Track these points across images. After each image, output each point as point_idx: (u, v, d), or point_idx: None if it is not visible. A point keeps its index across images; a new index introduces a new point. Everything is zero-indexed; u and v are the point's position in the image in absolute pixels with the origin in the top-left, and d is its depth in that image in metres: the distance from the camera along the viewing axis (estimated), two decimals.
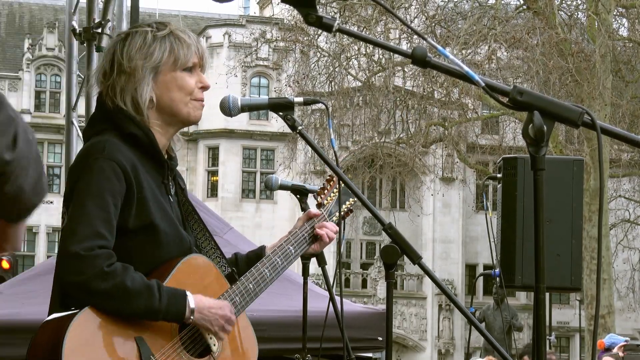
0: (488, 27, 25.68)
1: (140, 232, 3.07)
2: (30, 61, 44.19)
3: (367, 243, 45.57)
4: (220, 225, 8.24)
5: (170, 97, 3.18)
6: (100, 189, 2.99)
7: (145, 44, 3.17)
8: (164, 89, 3.17)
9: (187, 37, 3.21)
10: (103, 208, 2.98)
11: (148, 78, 3.15)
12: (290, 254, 3.40)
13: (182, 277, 3.10)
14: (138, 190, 3.05)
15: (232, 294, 3.22)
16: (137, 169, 3.05)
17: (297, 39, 28.33)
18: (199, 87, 3.22)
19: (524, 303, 41.57)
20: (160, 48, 3.17)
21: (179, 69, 3.18)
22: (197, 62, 3.21)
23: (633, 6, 26.32)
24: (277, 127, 41.36)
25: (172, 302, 3.00)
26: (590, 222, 23.51)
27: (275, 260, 3.35)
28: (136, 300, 2.94)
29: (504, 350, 2.77)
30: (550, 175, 5.40)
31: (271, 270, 3.33)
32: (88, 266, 2.91)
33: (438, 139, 30.45)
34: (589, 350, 24.93)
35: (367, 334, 7.93)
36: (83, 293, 2.93)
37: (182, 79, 3.19)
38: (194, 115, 3.22)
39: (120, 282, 2.93)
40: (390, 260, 3.20)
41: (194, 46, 3.21)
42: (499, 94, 2.43)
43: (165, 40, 3.18)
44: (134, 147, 3.11)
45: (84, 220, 2.96)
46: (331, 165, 3.26)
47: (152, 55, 3.16)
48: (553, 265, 5.54)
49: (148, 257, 3.08)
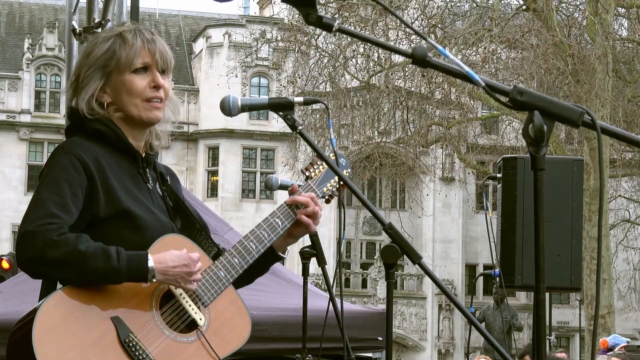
0: (486, 28, 25.68)
1: (113, 220, 3.08)
2: (30, 61, 44.18)
3: (367, 243, 45.57)
4: (220, 225, 8.24)
5: (121, 100, 3.20)
6: (55, 179, 3.04)
7: (93, 48, 3.21)
8: (115, 92, 3.21)
9: (132, 38, 3.20)
10: (57, 193, 3.01)
11: (94, 80, 3.19)
12: (277, 226, 3.33)
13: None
14: (102, 180, 3.08)
15: (216, 269, 3.18)
16: (99, 160, 3.09)
17: (296, 38, 28.33)
18: (151, 86, 3.21)
19: (524, 303, 41.57)
20: (99, 48, 3.20)
21: (128, 72, 3.19)
22: (149, 61, 3.20)
23: (632, 6, 26.33)
24: (277, 127, 41.35)
25: (133, 261, 2.97)
26: (590, 222, 23.51)
27: (261, 233, 3.29)
28: (92, 262, 2.92)
29: (504, 350, 2.77)
30: (550, 175, 5.40)
31: (257, 243, 3.27)
32: (38, 239, 2.92)
33: (438, 139, 30.45)
34: (589, 350, 24.92)
35: (367, 334, 7.94)
36: (39, 266, 2.94)
37: (130, 82, 3.19)
38: (146, 117, 3.21)
39: (73, 248, 2.92)
40: (391, 260, 3.20)
41: (140, 47, 3.19)
42: (499, 94, 2.43)
43: (108, 41, 3.21)
44: (102, 143, 3.15)
45: (37, 204, 3.00)
46: (331, 165, 3.26)
47: (93, 57, 3.20)
48: (553, 265, 5.54)
49: (127, 243, 3.06)
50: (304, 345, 6.00)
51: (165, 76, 3.24)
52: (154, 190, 3.27)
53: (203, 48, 45.29)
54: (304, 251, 5.35)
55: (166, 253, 3.03)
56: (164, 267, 3.00)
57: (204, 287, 3.14)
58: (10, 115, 43.67)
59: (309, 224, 3.37)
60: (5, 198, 42.89)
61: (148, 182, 3.24)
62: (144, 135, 3.26)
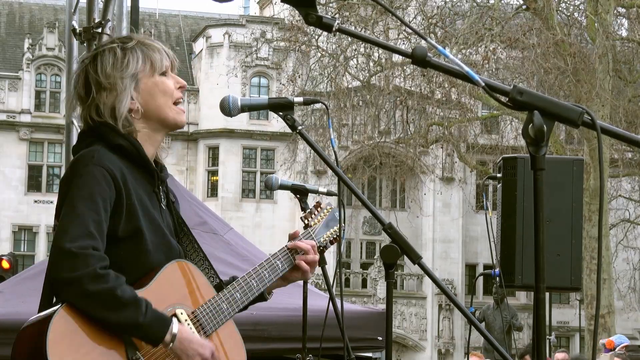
0: (487, 27, 25.69)
1: (127, 240, 3.08)
2: (30, 61, 44.17)
3: (367, 243, 45.57)
4: (220, 225, 8.24)
5: (156, 103, 3.21)
6: (91, 192, 3.00)
7: (117, 58, 3.19)
8: (147, 96, 3.20)
9: (155, 43, 3.26)
10: (94, 210, 2.98)
11: (129, 89, 3.18)
12: (278, 268, 3.37)
13: (164, 282, 3.09)
14: (127, 197, 3.07)
15: (219, 300, 3.21)
16: (125, 177, 3.07)
17: (296, 38, 28.33)
18: (177, 87, 3.26)
19: (524, 303, 41.56)
20: (134, 58, 3.20)
21: (157, 74, 3.22)
22: (169, 65, 3.25)
23: (632, 6, 26.32)
24: (277, 127, 41.34)
25: (155, 322, 2.97)
26: (590, 222, 23.51)
27: (263, 273, 3.33)
28: (122, 310, 2.93)
29: (504, 350, 2.77)
30: (550, 175, 5.40)
31: (258, 282, 3.31)
32: (81, 264, 2.90)
33: (438, 138, 30.45)
34: (589, 350, 24.93)
35: (367, 334, 7.93)
36: (73, 291, 2.91)
37: (163, 83, 3.22)
38: (179, 120, 3.25)
39: (111, 288, 2.91)
40: (390, 260, 3.20)
41: (163, 50, 3.25)
42: (499, 93, 2.43)
43: (135, 49, 3.21)
44: (123, 158, 3.13)
45: (76, 220, 2.96)
46: (331, 165, 3.26)
47: (127, 65, 3.19)
48: (553, 265, 5.53)
49: (136, 265, 3.08)
50: (304, 345, 6.00)
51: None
52: (165, 209, 3.27)
53: (203, 48, 45.29)
54: None
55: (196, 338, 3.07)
56: (185, 337, 3.04)
57: (207, 317, 3.17)
58: (11, 115, 43.66)
59: (306, 271, 3.43)
60: (5, 198, 42.88)
61: (161, 201, 3.25)
62: (160, 142, 3.28)
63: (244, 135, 44.15)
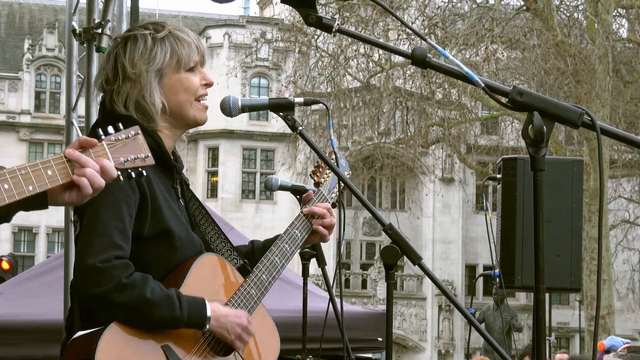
0: (487, 28, 25.69)
1: (155, 239, 3.06)
2: (30, 61, 44.18)
3: (367, 244, 45.56)
4: (221, 226, 8.24)
5: (178, 100, 3.17)
6: (115, 199, 2.97)
7: (147, 48, 3.13)
8: (170, 92, 3.16)
9: (186, 36, 3.19)
10: (118, 218, 2.96)
11: (154, 83, 3.13)
12: (297, 237, 3.37)
13: (197, 280, 3.09)
14: (152, 198, 3.05)
15: (248, 287, 3.21)
16: (149, 177, 3.02)
17: (296, 39, 28.33)
18: (202, 84, 3.21)
19: (524, 304, 41.56)
20: (161, 51, 3.14)
21: (183, 70, 3.17)
22: (198, 60, 3.20)
23: (633, 6, 26.33)
24: (277, 127, 41.35)
25: (193, 310, 2.99)
26: (590, 223, 23.50)
27: (284, 247, 3.33)
28: (158, 310, 2.93)
29: (503, 351, 2.77)
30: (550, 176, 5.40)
31: (281, 257, 3.31)
32: (106, 278, 2.89)
33: (438, 139, 30.46)
34: (589, 351, 24.91)
35: (367, 335, 7.94)
36: (103, 305, 2.91)
37: (188, 80, 3.17)
38: (200, 118, 3.21)
39: (140, 293, 2.91)
40: (391, 261, 3.20)
41: (194, 44, 3.19)
42: (498, 94, 2.44)
43: (165, 41, 3.15)
44: None
45: (99, 231, 2.94)
46: (331, 165, 3.26)
47: (154, 58, 3.13)
48: (553, 266, 5.53)
49: (164, 262, 3.07)
50: (304, 346, 6.00)
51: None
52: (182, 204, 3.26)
53: None
54: (304, 252, 5.35)
55: (229, 310, 3.08)
56: (219, 313, 3.04)
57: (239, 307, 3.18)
58: (10, 116, 43.66)
59: (325, 234, 3.43)
60: None
61: (179, 196, 3.23)
62: (179, 137, 3.25)
63: (244, 136, 44.16)
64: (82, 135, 4.57)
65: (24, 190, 2.40)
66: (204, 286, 3.10)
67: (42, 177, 2.42)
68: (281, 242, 3.33)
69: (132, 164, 2.56)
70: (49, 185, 2.43)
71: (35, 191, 2.41)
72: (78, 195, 2.48)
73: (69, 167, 2.45)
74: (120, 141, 2.55)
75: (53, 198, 2.51)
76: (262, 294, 3.23)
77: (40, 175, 2.43)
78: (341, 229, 3.57)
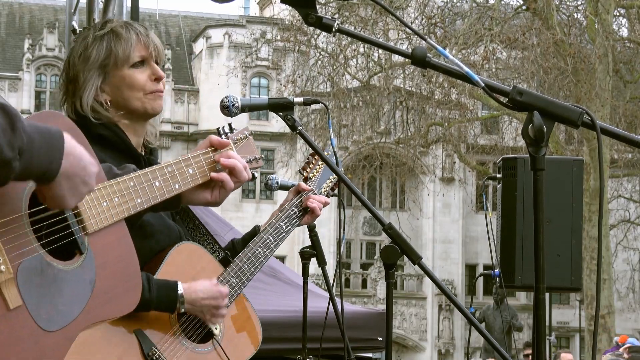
0: (486, 27, 25.69)
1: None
2: (31, 61, 44.19)
3: (367, 243, 45.58)
4: (221, 226, 8.24)
5: (123, 96, 3.15)
6: None
7: (84, 47, 3.15)
8: (114, 89, 3.15)
9: (125, 32, 3.16)
10: None
11: (93, 81, 3.13)
12: (282, 230, 3.38)
13: (173, 267, 3.07)
14: None
15: (227, 276, 3.20)
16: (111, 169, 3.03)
17: (296, 38, 28.33)
18: (152, 79, 3.17)
19: (524, 303, 41.58)
20: (97, 49, 3.14)
21: (127, 67, 3.15)
22: (145, 54, 3.17)
23: (632, 6, 26.33)
24: (277, 127, 41.36)
25: (163, 292, 2.96)
26: (590, 222, 23.51)
27: (267, 237, 3.34)
28: None
29: (504, 351, 2.77)
30: (550, 176, 5.40)
31: (264, 248, 3.31)
32: None
33: (438, 139, 30.46)
34: (589, 350, 24.92)
35: (367, 334, 7.94)
36: None
37: (131, 77, 3.15)
38: (151, 108, 3.17)
39: None
40: (390, 261, 3.20)
41: (135, 40, 3.15)
42: (498, 94, 2.44)
43: (102, 40, 3.15)
44: (106, 149, 3.08)
45: None
46: (331, 165, 3.26)
47: (89, 57, 3.14)
48: (553, 265, 5.53)
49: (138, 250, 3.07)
50: (304, 346, 6.00)
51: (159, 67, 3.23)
52: None
53: (203, 48, 45.30)
54: (304, 251, 5.35)
55: (198, 283, 3.03)
56: (194, 297, 3.01)
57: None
58: None
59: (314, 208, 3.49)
60: None
61: None
62: (144, 130, 3.23)
63: None
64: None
65: (172, 189, 2.46)
66: (180, 273, 3.07)
67: (185, 176, 2.51)
68: (265, 233, 3.34)
69: (251, 164, 2.60)
70: (191, 184, 2.54)
71: (180, 189, 2.51)
72: (222, 192, 2.61)
73: (207, 166, 2.51)
74: (240, 141, 2.58)
75: (188, 197, 2.62)
76: (242, 284, 3.22)
77: (184, 173, 2.51)
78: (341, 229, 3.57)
